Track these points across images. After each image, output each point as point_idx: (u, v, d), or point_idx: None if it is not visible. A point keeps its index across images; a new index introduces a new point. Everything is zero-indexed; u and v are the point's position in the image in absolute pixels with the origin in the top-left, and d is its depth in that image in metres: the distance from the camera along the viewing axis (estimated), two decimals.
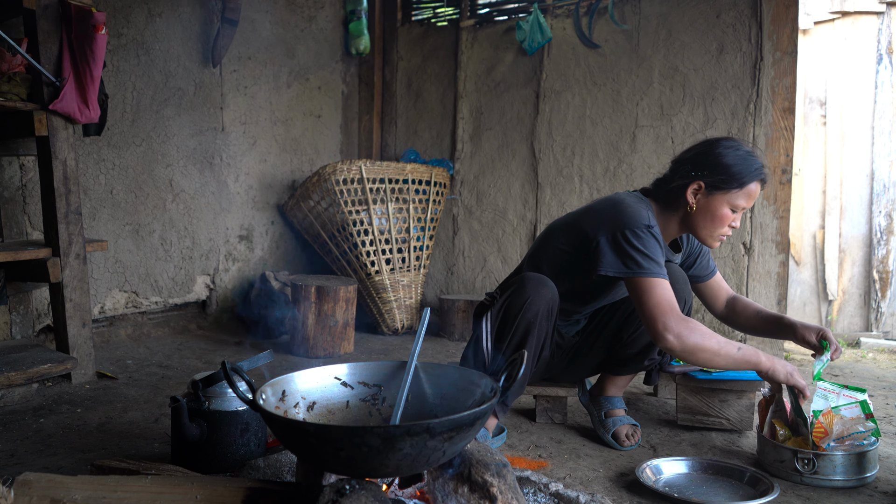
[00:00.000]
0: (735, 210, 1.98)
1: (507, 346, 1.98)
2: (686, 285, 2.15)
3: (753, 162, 1.97)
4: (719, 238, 2.02)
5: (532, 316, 1.94)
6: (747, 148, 2.00)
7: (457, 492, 1.39)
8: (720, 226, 1.99)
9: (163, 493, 1.32)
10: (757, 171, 1.97)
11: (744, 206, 1.98)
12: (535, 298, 1.94)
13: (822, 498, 1.82)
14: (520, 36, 3.98)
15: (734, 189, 1.95)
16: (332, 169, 3.67)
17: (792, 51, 3.35)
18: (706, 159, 1.98)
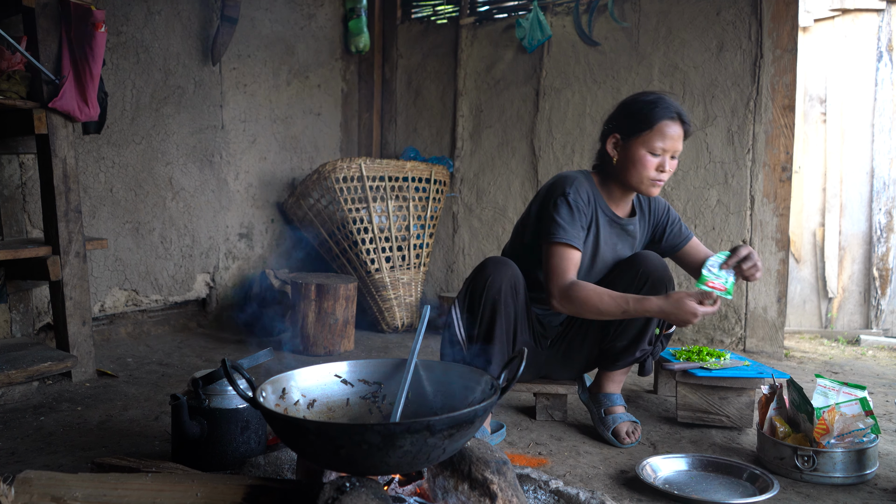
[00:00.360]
0: (654, 153, 2.02)
1: (478, 326, 2.01)
2: (665, 272, 2.13)
3: (662, 103, 2.04)
4: (652, 184, 2.06)
5: (496, 293, 1.99)
6: (660, 94, 2.08)
7: (457, 489, 1.39)
8: (643, 169, 2.04)
9: (163, 490, 1.32)
10: (664, 109, 2.03)
11: (662, 147, 2.02)
12: (496, 276, 2.00)
13: (821, 495, 1.83)
14: (519, 33, 3.97)
15: (645, 131, 2.02)
16: (331, 167, 3.66)
17: (792, 48, 3.35)
18: (617, 112, 2.12)
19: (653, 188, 2.07)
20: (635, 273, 2.11)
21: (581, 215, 2.07)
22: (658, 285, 2.09)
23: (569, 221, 2.04)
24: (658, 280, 2.10)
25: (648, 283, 2.09)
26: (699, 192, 3.58)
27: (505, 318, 2.00)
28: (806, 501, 1.79)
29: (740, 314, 3.50)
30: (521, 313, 2.07)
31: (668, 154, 2.03)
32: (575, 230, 2.04)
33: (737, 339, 3.51)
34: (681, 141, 2.05)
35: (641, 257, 2.15)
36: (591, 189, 2.13)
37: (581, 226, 2.07)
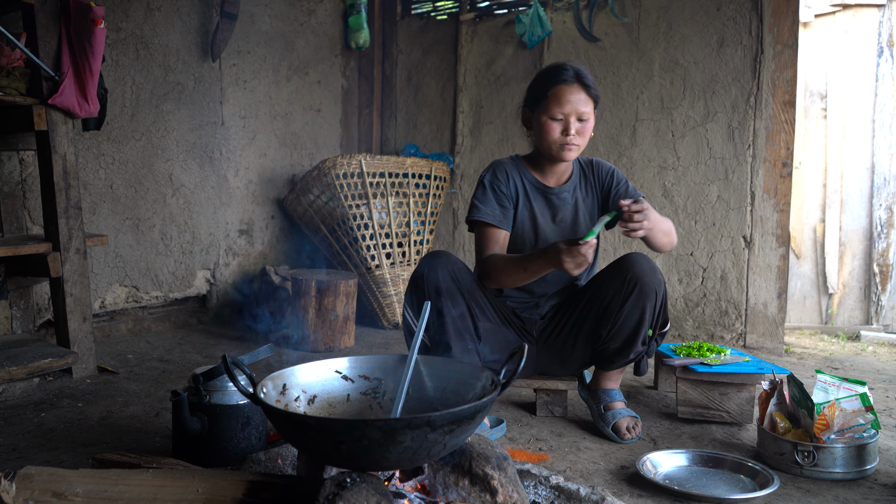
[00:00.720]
0: (555, 118, 2.09)
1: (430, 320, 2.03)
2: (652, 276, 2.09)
3: (554, 70, 2.13)
4: (562, 147, 2.12)
5: (434, 281, 2.03)
6: (557, 63, 2.16)
7: (457, 484, 1.39)
8: (548, 135, 2.11)
9: (164, 486, 1.32)
10: (557, 75, 2.10)
11: (561, 111, 2.08)
12: (431, 268, 2.05)
13: (822, 490, 1.83)
14: (520, 29, 3.97)
15: (542, 101, 2.11)
16: (332, 163, 3.66)
17: (793, 44, 3.34)
18: (527, 87, 2.22)
19: (563, 152, 2.12)
20: (623, 278, 2.10)
21: (499, 194, 2.18)
22: (647, 290, 2.07)
23: (483, 200, 2.18)
24: (646, 285, 2.07)
25: (637, 288, 2.07)
26: (699, 187, 3.58)
27: (452, 303, 2.03)
28: (806, 497, 1.79)
29: (741, 310, 3.50)
30: (474, 299, 2.11)
31: (571, 117, 2.08)
32: (489, 208, 2.16)
33: (737, 334, 3.52)
34: (582, 102, 2.09)
35: (629, 261, 2.12)
36: (517, 168, 2.25)
37: (499, 203, 2.17)
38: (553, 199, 2.24)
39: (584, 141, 2.13)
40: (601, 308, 2.15)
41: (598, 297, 2.17)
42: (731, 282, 3.52)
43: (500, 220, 2.16)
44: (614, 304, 2.11)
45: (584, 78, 2.11)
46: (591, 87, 2.12)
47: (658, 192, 3.67)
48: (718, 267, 3.55)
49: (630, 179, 3.72)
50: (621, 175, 2.32)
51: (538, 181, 2.24)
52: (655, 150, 3.68)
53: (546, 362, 2.32)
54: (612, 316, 2.12)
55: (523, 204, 2.22)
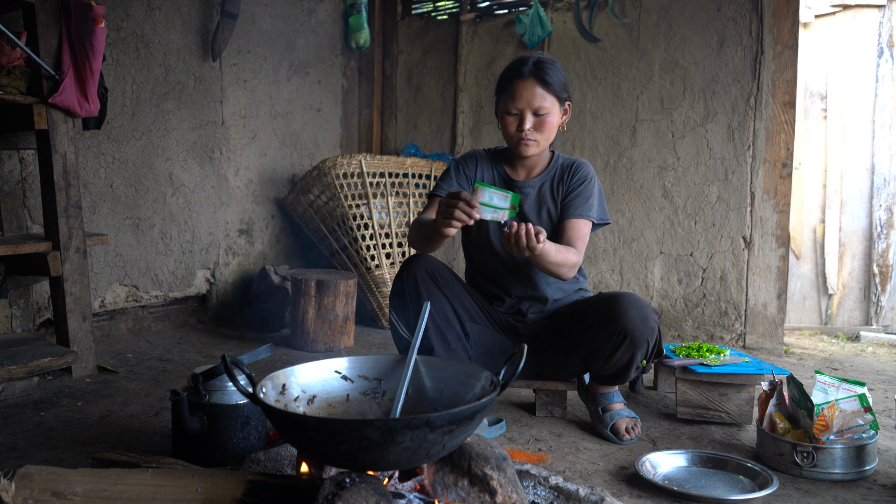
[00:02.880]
0: (510, 112, 2.09)
1: (413, 318, 2.02)
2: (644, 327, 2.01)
3: (511, 66, 2.11)
4: (518, 143, 2.11)
5: (413, 282, 2.05)
6: (519, 57, 2.13)
7: (457, 485, 1.39)
8: (506, 129, 2.12)
9: (164, 485, 1.32)
10: (512, 71, 2.09)
11: (517, 107, 2.07)
12: (409, 268, 2.09)
13: (821, 491, 1.83)
14: (520, 29, 3.97)
15: (501, 96, 2.13)
16: (332, 163, 3.66)
17: (793, 44, 3.34)
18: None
19: (520, 147, 2.11)
20: (613, 330, 2.01)
21: (461, 175, 2.23)
22: (638, 342, 2.00)
23: (444, 179, 2.23)
24: (637, 338, 1.99)
25: (627, 340, 2.00)
26: (699, 188, 3.58)
27: (433, 304, 2.02)
28: (805, 497, 1.79)
29: (740, 311, 3.50)
30: (458, 299, 2.11)
31: (526, 112, 2.07)
32: (447, 185, 2.20)
33: (737, 335, 3.52)
34: (537, 97, 2.05)
35: (619, 310, 2.00)
36: (489, 159, 2.28)
37: (460, 184, 2.21)
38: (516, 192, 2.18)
39: (543, 136, 2.09)
40: (590, 350, 2.10)
41: (586, 337, 2.09)
42: (730, 282, 3.52)
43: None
44: (603, 351, 2.06)
45: (542, 73, 2.05)
46: (550, 82, 2.05)
47: (658, 193, 3.67)
48: (718, 267, 3.55)
49: (630, 180, 3.73)
50: (591, 188, 2.19)
51: (506, 173, 2.25)
52: (655, 151, 3.68)
53: (542, 368, 2.31)
54: (602, 359, 2.08)
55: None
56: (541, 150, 2.16)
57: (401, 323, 2.09)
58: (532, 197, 2.23)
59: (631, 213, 3.74)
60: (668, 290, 3.67)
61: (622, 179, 3.76)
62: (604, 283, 3.83)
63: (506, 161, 2.28)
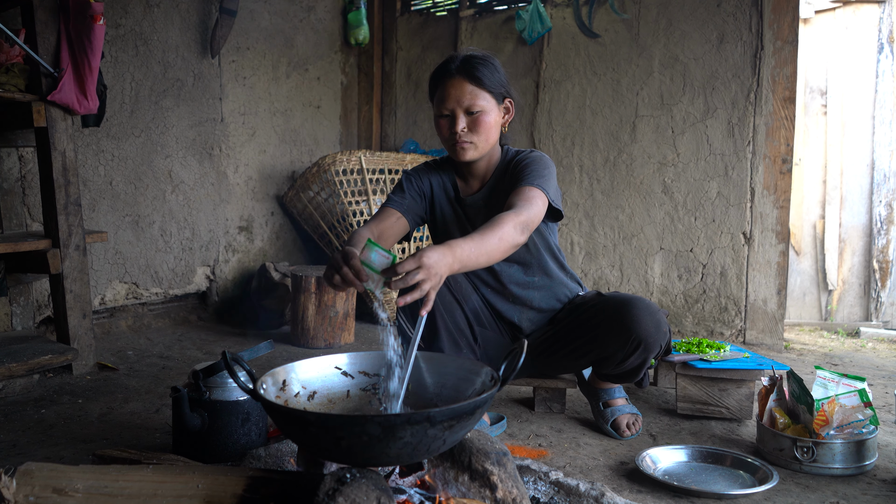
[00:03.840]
0: (442, 115, 1.95)
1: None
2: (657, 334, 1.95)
3: (440, 64, 1.99)
4: (454, 147, 1.95)
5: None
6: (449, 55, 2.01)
7: (457, 480, 1.39)
8: (441, 135, 1.98)
9: (164, 482, 1.32)
10: (439, 70, 1.97)
11: (445, 108, 1.93)
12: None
13: (821, 486, 1.83)
14: (519, 25, 3.96)
15: (433, 100, 1.99)
16: (331, 160, 3.66)
17: (793, 40, 3.34)
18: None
19: (457, 150, 1.95)
20: (627, 339, 1.94)
21: (411, 186, 2.07)
22: (651, 347, 1.95)
23: (394, 191, 2.07)
24: (651, 345, 1.94)
25: (641, 347, 1.94)
26: (699, 184, 3.57)
27: (444, 308, 1.98)
28: (805, 492, 1.79)
29: (740, 306, 3.50)
30: (469, 304, 2.05)
31: (457, 111, 1.91)
32: (398, 197, 2.04)
33: (737, 331, 3.52)
34: (467, 94, 1.89)
35: (633, 319, 1.92)
36: (441, 178, 2.11)
37: (409, 195, 2.05)
38: (467, 210, 2.08)
39: (480, 137, 1.93)
40: (600, 357, 2.06)
41: (596, 344, 2.03)
42: (730, 278, 3.52)
43: (403, 207, 2.02)
44: (615, 358, 2.01)
45: (472, 69, 1.90)
46: (481, 77, 1.90)
47: (658, 189, 3.67)
48: (718, 263, 3.55)
49: (630, 176, 3.73)
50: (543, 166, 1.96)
51: (457, 192, 2.10)
52: (655, 147, 3.68)
53: (541, 367, 2.29)
54: (613, 364, 2.04)
55: (447, 211, 2.11)
56: (480, 154, 1.97)
57: (410, 326, 2.04)
58: (482, 212, 2.04)
59: (631, 209, 3.74)
60: (668, 286, 3.67)
61: (622, 175, 3.76)
62: (604, 280, 3.83)
63: (458, 172, 2.11)
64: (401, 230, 2.02)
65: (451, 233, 2.09)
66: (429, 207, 2.12)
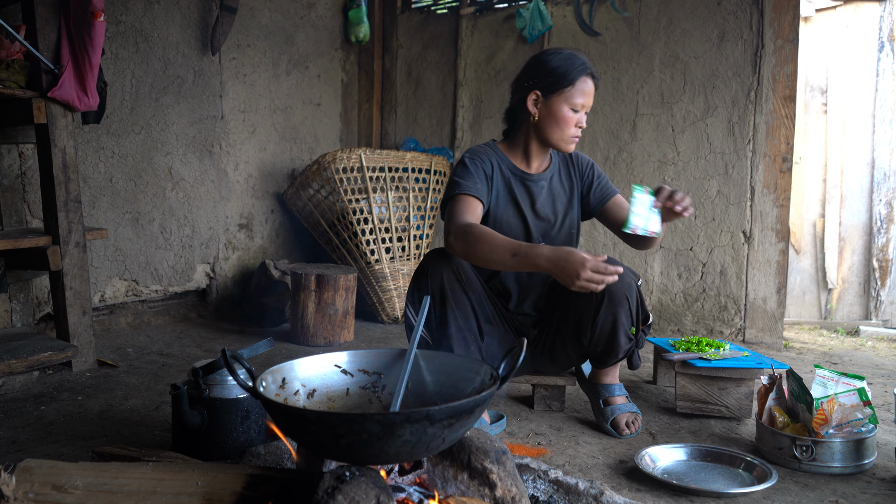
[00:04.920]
0: (575, 109, 2.07)
1: (433, 318, 2.00)
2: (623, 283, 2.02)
3: (576, 59, 2.09)
4: (571, 140, 2.12)
5: (439, 281, 1.99)
6: (570, 51, 2.12)
7: (456, 478, 1.39)
8: (566, 127, 2.09)
9: (164, 479, 1.32)
10: (582, 66, 2.08)
11: (582, 104, 2.07)
12: (436, 265, 2.01)
13: (820, 485, 1.83)
14: (520, 23, 3.96)
15: (567, 87, 2.06)
16: (331, 157, 3.66)
17: (793, 38, 3.34)
18: (534, 69, 2.12)
19: (571, 145, 2.13)
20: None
21: (478, 170, 2.11)
22: (617, 298, 2.02)
23: (464, 175, 2.09)
24: (615, 293, 2.01)
25: (606, 298, 2.02)
26: (699, 182, 3.57)
27: (457, 306, 2.00)
28: (804, 491, 1.79)
29: (740, 305, 3.50)
30: (478, 301, 2.07)
31: (584, 110, 2.09)
32: (471, 181, 2.07)
33: (736, 329, 3.52)
34: (593, 97, 2.11)
35: None
36: (496, 154, 2.19)
37: (479, 179, 2.10)
38: (531, 186, 2.20)
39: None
40: (575, 321, 2.11)
41: (570, 309, 2.12)
42: (730, 277, 3.52)
43: (481, 193, 2.08)
44: (587, 315, 2.07)
45: (595, 72, 2.13)
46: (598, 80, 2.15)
47: None
48: (718, 262, 3.55)
49: (630, 174, 3.73)
50: (599, 169, 2.32)
51: (516, 167, 2.20)
52: (655, 145, 3.68)
53: (539, 363, 2.31)
54: (588, 326, 2.08)
55: (503, 188, 2.17)
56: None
57: (416, 316, 2.04)
58: (545, 189, 2.22)
59: None
60: (667, 285, 3.67)
61: (622, 174, 3.76)
62: None
63: (513, 154, 2.22)
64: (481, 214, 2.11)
65: (520, 205, 2.18)
66: (491, 186, 2.17)
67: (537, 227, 2.20)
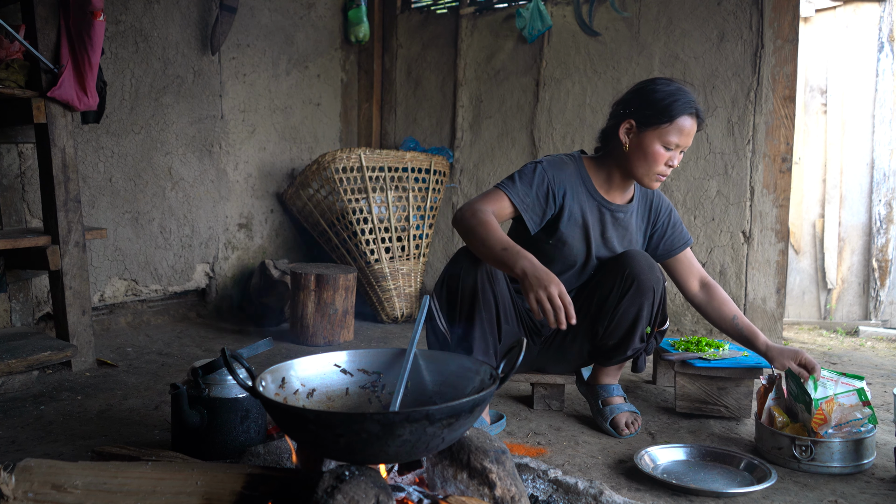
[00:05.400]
0: (668, 147, 1.97)
1: (458, 316, 1.98)
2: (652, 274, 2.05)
3: (683, 96, 1.97)
4: (656, 178, 2.02)
5: (472, 281, 1.95)
6: (679, 84, 2.00)
7: (456, 478, 1.39)
8: (654, 164, 1.99)
9: (163, 478, 1.32)
10: (687, 104, 1.96)
11: (676, 143, 1.96)
12: (470, 266, 1.96)
13: (819, 484, 1.83)
14: (520, 23, 3.96)
15: (664, 124, 1.95)
16: (331, 157, 3.66)
17: (793, 38, 3.34)
18: (636, 97, 2.03)
19: (655, 182, 2.04)
20: (621, 274, 2.03)
21: (542, 184, 2.02)
22: (644, 288, 2.02)
23: (521, 179, 2.02)
24: (644, 283, 2.01)
25: (634, 285, 2.02)
26: (699, 182, 3.57)
27: (484, 306, 1.97)
28: (803, 491, 1.80)
29: (739, 305, 3.50)
30: (503, 302, 2.03)
31: (679, 149, 1.99)
32: (524, 189, 2.00)
33: None
34: (692, 137, 2.00)
35: (629, 257, 2.05)
36: (579, 172, 2.09)
37: (536, 192, 2.01)
38: (607, 216, 2.12)
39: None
40: (598, 304, 2.11)
41: (595, 292, 2.13)
42: (730, 277, 3.52)
43: (524, 204, 2.00)
44: (611, 301, 2.07)
45: (700, 110, 2.01)
46: (703, 119, 2.03)
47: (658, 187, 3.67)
48: (717, 262, 3.55)
49: None
50: (677, 215, 2.25)
51: (597, 191, 2.11)
52: None
53: (544, 360, 2.31)
54: (609, 313, 2.08)
55: (577, 210, 2.08)
56: None
57: (442, 315, 2.01)
58: (623, 223, 2.15)
59: None
60: (667, 285, 3.66)
61: None
62: None
63: (597, 178, 2.12)
64: (507, 217, 2.03)
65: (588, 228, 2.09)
66: (557, 207, 2.06)
67: (600, 254, 2.14)
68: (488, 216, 1.91)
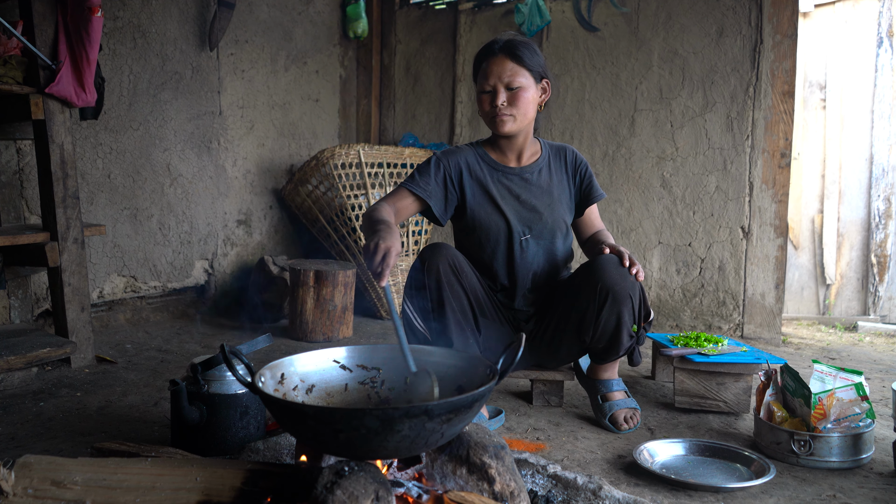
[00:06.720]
0: (484, 90, 2.11)
1: (431, 310, 2.02)
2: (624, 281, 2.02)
3: (483, 46, 2.14)
4: (493, 120, 2.13)
5: (436, 274, 2.00)
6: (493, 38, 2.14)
7: (455, 473, 1.39)
8: (481, 108, 2.15)
9: (163, 474, 1.33)
10: (483, 51, 2.13)
11: (488, 84, 2.09)
12: (432, 259, 2.02)
13: (817, 479, 1.84)
14: (518, 19, 3.95)
15: (477, 79, 2.15)
16: (330, 153, 3.66)
17: (792, 34, 3.33)
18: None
19: (497, 124, 2.12)
20: (595, 288, 2.03)
21: (439, 171, 2.16)
22: (620, 297, 2.01)
23: (420, 171, 2.17)
24: (619, 293, 2.01)
25: (609, 297, 2.02)
26: (698, 178, 3.57)
27: (453, 297, 2.01)
28: (802, 486, 1.80)
29: (738, 300, 3.51)
30: (473, 294, 2.08)
31: (499, 86, 2.07)
32: (422, 180, 2.14)
33: (735, 325, 3.52)
34: (508, 70, 2.07)
35: (599, 268, 2.04)
36: (474, 152, 2.24)
37: (435, 180, 2.15)
38: (513, 180, 2.21)
39: (519, 111, 2.10)
40: (578, 318, 2.11)
41: (574, 306, 2.12)
42: (728, 272, 3.52)
43: (426, 192, 2.13)
44: (590, 314, 2.07)
45: (513, 48, 2.07)
46: (521, 56, 2.07)
47: (657, 183, 3.67)
48: (716, 257, 3.55)
49: (628, 170, 3.73)
50: (591, 171, 2.33)
51: (496, 162, 2.23)
52: (654, 141, 3.67)
53: (538, 357, 2.31)
54: (591, 324, 2.08)
55: (476, 186, 2.19)
56: (519, 127, 2.14)
57: (417, 315, 2.06)
58: (536, 181, 2.22)
59: (629, 203, 3.74)
60: (666, 280, 3.67)
61: (621, 169, 3.76)
62: None
63: (492, 149, 2.26)
64: (414, 210, 2.17)
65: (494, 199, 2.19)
66: (457, 191, 2.20)
67: (522, 219, 2.19)
68: (381, 207, 2.03)
